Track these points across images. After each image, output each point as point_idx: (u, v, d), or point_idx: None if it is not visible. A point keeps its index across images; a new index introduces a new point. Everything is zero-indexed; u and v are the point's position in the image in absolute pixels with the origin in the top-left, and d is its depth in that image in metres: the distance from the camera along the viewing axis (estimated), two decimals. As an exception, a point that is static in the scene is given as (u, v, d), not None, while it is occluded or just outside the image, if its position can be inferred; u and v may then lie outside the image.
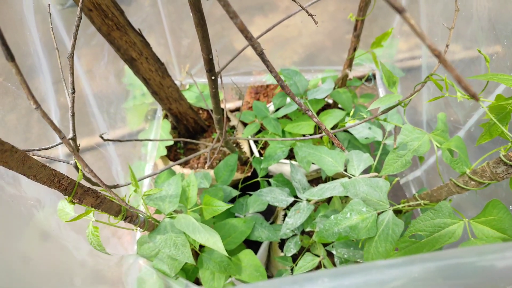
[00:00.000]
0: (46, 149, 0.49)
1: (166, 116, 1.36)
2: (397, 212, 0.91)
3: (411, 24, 0.17)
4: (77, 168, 0.62)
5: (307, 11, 0.53)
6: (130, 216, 0.65)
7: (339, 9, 1.67)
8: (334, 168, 0.86)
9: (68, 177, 0.39)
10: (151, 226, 0.80)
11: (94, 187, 0.50)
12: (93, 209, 0.48)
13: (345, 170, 0.87)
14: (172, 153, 1.38)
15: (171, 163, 1.31)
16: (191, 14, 0.55)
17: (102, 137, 0.82)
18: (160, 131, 1.27)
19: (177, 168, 1.31)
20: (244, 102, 1.56)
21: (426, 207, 0.76)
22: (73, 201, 0.43)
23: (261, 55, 0.27)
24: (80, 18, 0.42)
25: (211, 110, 1.42)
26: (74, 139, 0.52)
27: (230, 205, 0.85)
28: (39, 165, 0.34)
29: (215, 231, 0.79)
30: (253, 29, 1.84)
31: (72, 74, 0.46)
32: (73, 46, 0.43)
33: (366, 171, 0.92)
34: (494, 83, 0.80)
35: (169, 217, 0.82)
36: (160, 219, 0.84)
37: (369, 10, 0.85)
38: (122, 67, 0.92)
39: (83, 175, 0.62)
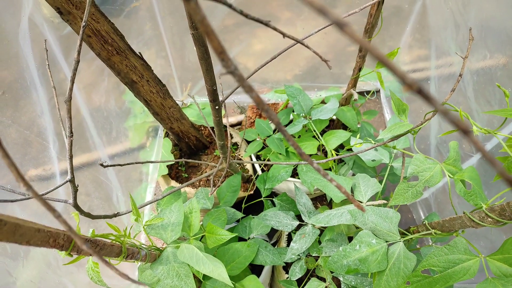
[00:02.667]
0: (44, 194, 0.46)
1: (167, 134, 1.34)
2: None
3: (475, 142, 0.14)
4: (77, 207, 0.59)
5: (303, 44, 0.51)
6: (131, 254, 0.63)
7: (353, 18, 1.65)
8: (340, 194, 0.84)
9: (64, 234, 0.37)
10: (153, 257, 0.77)
11: (92, 239, 0.47)
12: (91, 257, 0.45)
13: (352, 195, 0.85)
14: (174, 171, 1.35)
15: (173, 182, 1.29)
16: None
17: (102, 165, 0.79)
18: (162, 150, 1.25)
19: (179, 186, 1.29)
20: (246, 118, 1.54)
21: (437, 236, 0.73)
22: (71, 254, 0.41)
23: (275, 121, 0.24)
24: (78, 62, 0.40)
25: (212, 128, 1.39)
26: (72, 181, 0.49)
27: (235, 234, 0.82)
28: (32, 230, 0.31)
29: (219, 261, 0.76)
30: (255, 41, 1.82)
31: (70, 118, 0.43)
32: (71, 89, 0.41)
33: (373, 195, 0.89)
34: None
35: (172, 247, 0.80)
36: (161, 242, 0.81)
37: (375, 32, 0.83)
38: (124, 87, 0.90)
39: (78, 208, 0.60)
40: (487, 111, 0.56)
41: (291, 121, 1.25)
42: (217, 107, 0.66)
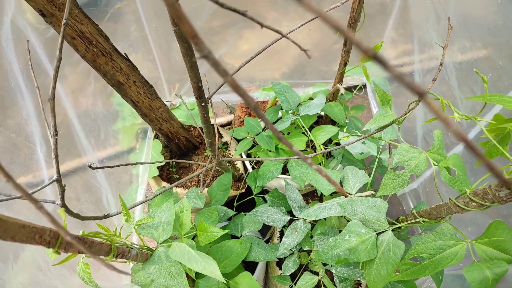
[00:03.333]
0: (31, 194, 0.46)
1: (157, 136, 1.34)
2: (396, 227, 0.90)
3: (434, 110, 0.15)
4: (65, 207, 0.59)
5: (287, 37, 0.52)
6: (121, 253, 0.63)
7: (337, 14, 1.66)
8: (329, 187, 0.85)
9: (51, 230, 0.37)
10: (144, 256, 0.77)
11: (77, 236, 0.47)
12: (81, 255, 0.45)
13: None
14: (165, 173, 1.35)
15: (164, 183, 1.29)
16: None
17: (90, 167, 0.79)
18: (151, 151, 1.25)
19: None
20: (235, 117, 1.54)
21: (426, 224, 0.75)
22: (59, 251, 0.41)
23: (255, 109, 0.25)
24: (60, 59, 0.40)
25: (201, 128, 1.39)
26: (59, 180, 0.49)
27: (226, 231, 0.83)
28: (16, 226, 0.31)
29: (212, 258, 0.77)
30: (241, 42, 1.83)
31: (54, 116, 0.43)
32: (54, 88, 0.41)
33: (363, 187, 0.91)
34: (495, 91, 0.79)
35: (163, 246, 0.80)
36: (154, 245, 0.81)
37: (358, 26, 0.84)
38: (111, 89, 0.90)
39: (66, 208, 0.60)
40: (468, 97, 0.57)
41: (280, 119, 1.26)
42: (203, 104, 0.67)
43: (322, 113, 1.35)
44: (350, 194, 0.83)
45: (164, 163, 1.33)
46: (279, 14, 1.81)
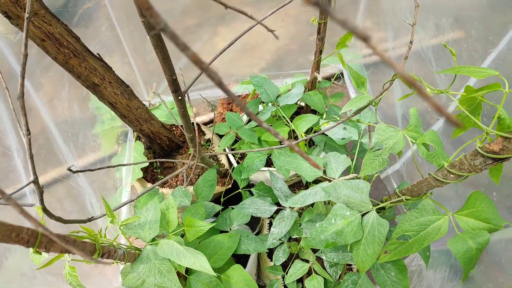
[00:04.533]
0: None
1: (138, 138, 1.33)
2: (381, 209, 0.91)
3: (379, 54, 0.15)
4: (45, 210, 0.58)
5: (266, 27, 0.52)
6: (107, 252, 0.62)
7: (301, 12, 1.68)
8: (313, 174, 0.85)
9: (28, 229, 0.36)
10: (132, 256, 0.77)
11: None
12: (63, 254, 0.45)
13: (324, 173, 0.87)
14: (149, 174, 1.34)
15: (149, 185, 1.28)
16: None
17: (70, 170, 0.78)
18: (134, 153, 1.24)
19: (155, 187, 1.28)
20: (217, 114, 1.54)
21: (408, 202, 0.76)
22: (39, 251, 0.40)
23: (220, 84, 0.25)
24: (26, 55, 0.39)
25: (182, 126, 1.39)
26: (36, 181, 0.48)
27: (212, 224, 0.83)
28: (-8, 223, 0.31)
29: (200, 252, 0.76)
30: (217, 39, 1.82)
31: (25, 115, 0.43)
32: (22, 85, 0.40)
33: (346, 171, 0.91)
34: (470, 62, 0.80)
35: (151, 244, 0.79)
36: (143, 245, 0.81)
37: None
38: (86, 93, 0.89)
39: (46, 210, 0.59)
40: (438, 71, 0.58)
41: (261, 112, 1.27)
42: (180, 98, 0.66)
43: (303, 104, 1.36)
44: (334, 179, 0.84)
45: (148, 164, 1.32)
46: (254, 9, 1.81)
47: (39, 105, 0.85)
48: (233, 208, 1.06)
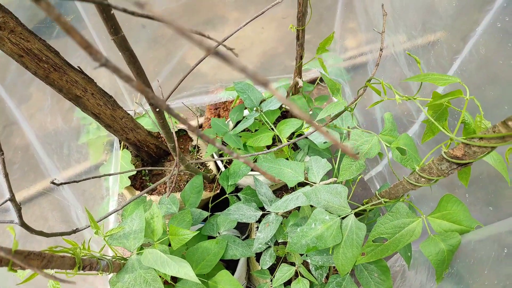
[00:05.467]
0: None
1: (125, 146, 1.33)
2: (364, 210, 0.92)
3: (277, 95, 0.16)
4: (25, 225, 0.59)
5: (225, 46, 0.54)
6: (88, 264, 0.63)
7: (287, 15, 1.69)
8: (294, 179, 0.87)
9: (1, 247, 0.37)
10: (117, 266, 0.78)
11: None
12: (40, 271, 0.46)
13: (307, 178, 0.88)
14: (138, 181, 1.35)
15: (137, 193, 1.29)
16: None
17: (54, 183, 0.79)
18: (121, 161, 1.24)
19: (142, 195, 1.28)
20: (205, 119, 1.55)
21: (387, 204, 0.77)
22: (14, 269, 0.41)
23: (168, 110, 0.26)
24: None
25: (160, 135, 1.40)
26: (13, 199, 0.49)
27: (195, 233, 0.84)
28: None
29: (184, 261, 0.78)
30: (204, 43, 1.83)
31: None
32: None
33: (330, 174, 0.93)
34: (442, 69, 0.82)
35: (136, 254, 0.80)
36: (129, 255, 0.82)
37: (307, 20, 0.86)
38: (70, 104, 0.89)
39: (26, 225, 0.60)
40: (405, 79, 0.60)
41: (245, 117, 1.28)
42: (157, 110, 0.67)
43: (288, 108, 1.37)
44: (315, 183, 0.85)
45: (136, 172, 1.33)
46: (240, 14, 1.82)
47: (21, 120, 0.85)
48: (219, 214, 1.08)
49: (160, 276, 0.80)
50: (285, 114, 1.42)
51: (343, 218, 0.74)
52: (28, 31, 0.71)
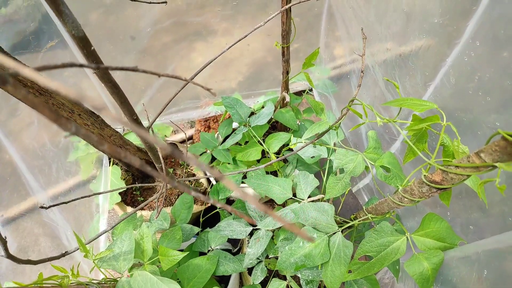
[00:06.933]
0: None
1: (115, 162, 1.33)
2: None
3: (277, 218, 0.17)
4: (11, 257, 0.59)
5: (199, 85, 0.54)
6: (77, 292, 0.63)
7: (276, 25, 1.71)
8: (283, 196, 0.88)
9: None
10: (107, 289, 0.78)
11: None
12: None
13: (294, 195, 0.89)
14: (129, 197, 1.34)
15: (129, 208, 1.29)
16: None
17: (43, 207, 0.79)
18: (111, 177, 1.24)
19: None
20: (195, 132, 1.55)
21: (374, 220, 0.78)
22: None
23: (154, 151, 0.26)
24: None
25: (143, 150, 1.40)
26: (-3, 234, 0.49)
27: (185, 253, 0.84)
28: None
29: (174, 282, 0.78)
30: (195, 55, 1.84)
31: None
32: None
33: (320, 186, 0.93)
34: (417, 93, 0.84)
35: (126, 276, 0.80)
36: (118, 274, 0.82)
37: (291, 38, 0.87)
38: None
39: (12, 257, 0.60)
40: (385, 102, 0.61)
41: (235, 130, 1.28)
42: (143, 134, 0.68)
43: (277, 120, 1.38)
44: (303, 200, 0.86)
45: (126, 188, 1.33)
46: (229, 24, 1.83)
47: (6, 143, 0.85)
48: (209, 230, 1.08)
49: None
50: (274, 125, 1.43)
51: (330, 235, 0.75)
52: (10, 57, 0.71)
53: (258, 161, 1.30)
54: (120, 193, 1.28)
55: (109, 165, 1.26)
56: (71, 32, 0.45)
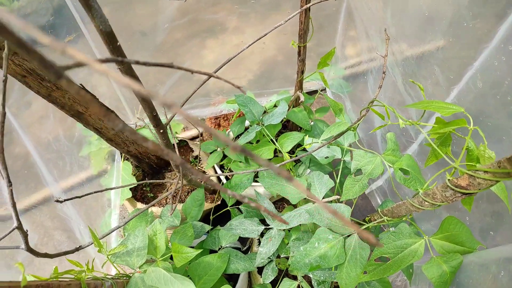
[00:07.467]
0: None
1: (126, 158, 1.33)
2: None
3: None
4: (30, 250, 0.59)
5: (218, 77, 0.54)
6: (94, 287, 0.63)
7: (289, 24, 1.70)
8: (297, 196, 0.87)
9: (10, 283, 0.38)
10: (120, 285, 0.78)
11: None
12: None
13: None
14: (139, 192, 1.35)
15: (138, 204, 1.29)
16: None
17: (58, 201, 0.79)
18: (122, 173, 1.24)
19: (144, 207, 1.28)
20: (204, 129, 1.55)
21: (390, 222, 0.78)
22: (23, 303, 0.41)
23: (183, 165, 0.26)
24: (4, 114, 0.40)
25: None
26: (20, 227, 0.50)
27: (199, 251, 0.84)
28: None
29: (187, 279, 0.78)
30: (206, 52, 1.84)
31: (6, 168, 0.44)
32: (1, 142, 0.41)
33: (332, 188, 0.93)
34: (439, 95, 0.83)
35: (139, 272, 0.81)
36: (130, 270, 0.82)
37: (308, 37, 0.87)
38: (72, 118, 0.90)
39: (32, 250, 0.60)
40: (408, 104, 0.61)
41: (248, 128, 1.28)
42: (162, 131, 0.68)
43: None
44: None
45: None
46: (240, 22, 1.83)
47: (20, 132, 0.85)
48: (220, 228, 1.08)
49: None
50: (285, 125, 1.42)
51: (346, 237, 0.75)
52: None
53: (270, 160, 1.29)
54: (130, 189, 1.28)
55: (121, 161, 1.26)
56: (99, 27, 0.45)
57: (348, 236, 0.74)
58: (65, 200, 0.81)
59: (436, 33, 0.69)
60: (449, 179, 0.52)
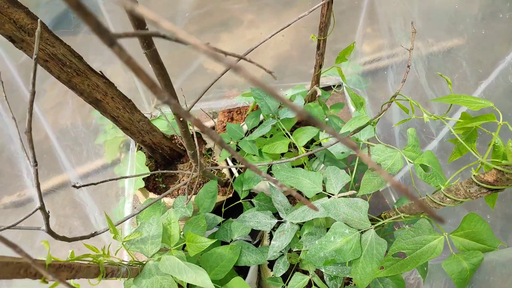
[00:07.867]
0: (15, 224, 0.47)
1: (140, 148, 1.34)
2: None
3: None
4: (50, 232, 0.60)
5: (250, 61, 0.53)
6: (110, 272, 0.63)
7: (301, 20, 1.69)
8: (313, 190, 0.87)
9: (36, 263, 0.38)
10: (135, 272, 0.78)
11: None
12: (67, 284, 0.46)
13: (324, 189, 0.88)
14: (151, 183, 1.35)
15: (150, 194, 1.29)
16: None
17: (75, 186, 0.80)
18: (136, 163, 1.25)
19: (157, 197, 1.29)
20: (218, 122, 1.55)
21: (407, 219, 0.77)
22: (47, 281, 0.41)
23: (221, 143, 0.26)
24: (34, 93, 0.40)
25: (180, 137, 1.40)
26: (42, 208, 0.50)
27: (213, 241, 0.84)
28: (1, 265, 0.32)
29: (201, 268, 0.78)
30: (219, 45, 1.83)
31: (32, 148, 0.44)
32: (29, 121, 0.42)
33: (347, 184, 0.92)
34: (466, 90, 0.81)
35: (153, 259, 0.81)
36: (145, 258, 0.82)
37: (329, 30, 0.86)
38: (90, 106, 0.90)
39: (52, 233, 0.60)
40: (434, 98, 0.60)
41: (261, 122, 1.28)
42: (181, 119, 0.68)
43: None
44: (333, 195, 0.85)
45: (150, 174, 1.33)
46: (255, 16, 1.82)
47: (41, 116, 0.86)
48: (233, 220, 1.08)
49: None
50: (299, 121, 1.41)
51: (362, 232, 0.74)
52: (54, 36, 0.72)
53: (282, 155, 1.29)
54: (143, 179, 1.29)
55: (135, 150, 1.27)
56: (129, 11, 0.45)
57: (365, 231, 0.74)
58: (81, 186, 0.81)
59: (466, 26, 0.68)
60: (474, 175, 0.51)
